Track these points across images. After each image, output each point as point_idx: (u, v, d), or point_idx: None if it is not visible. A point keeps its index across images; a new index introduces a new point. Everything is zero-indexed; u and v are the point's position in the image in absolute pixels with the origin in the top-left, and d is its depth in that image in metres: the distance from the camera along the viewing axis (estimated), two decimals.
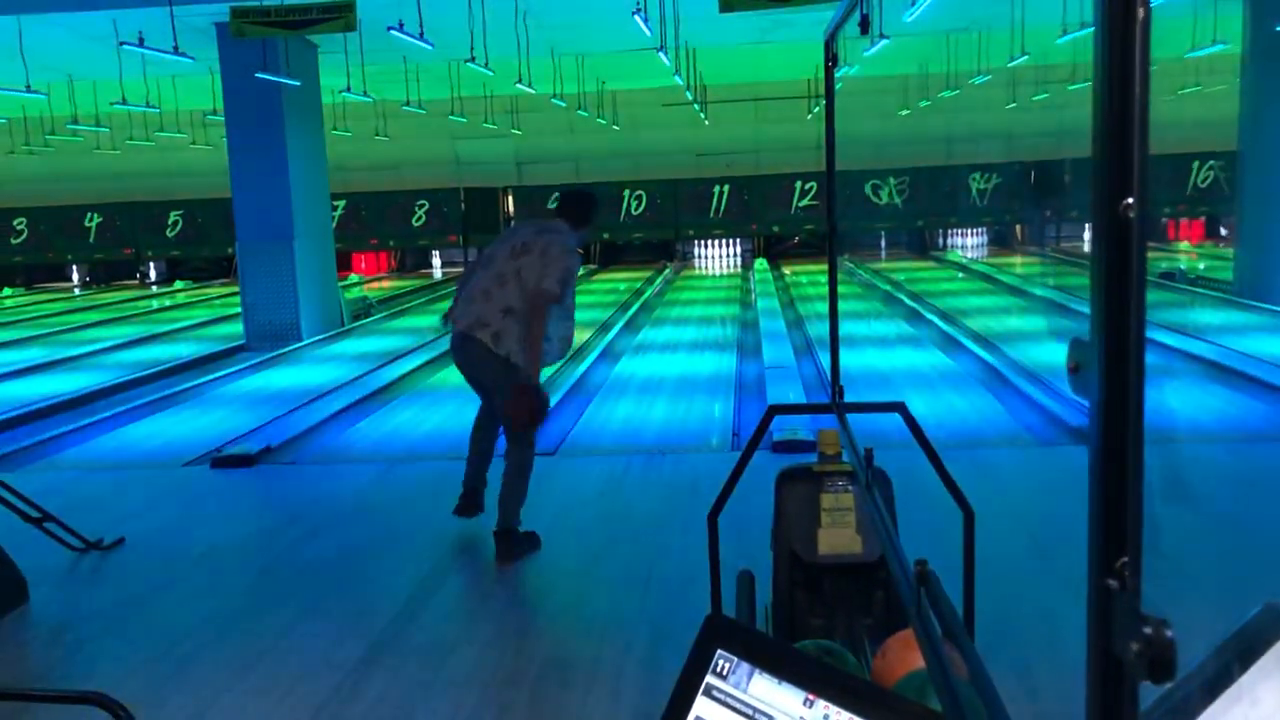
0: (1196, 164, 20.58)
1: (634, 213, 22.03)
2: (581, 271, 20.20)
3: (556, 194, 24.96)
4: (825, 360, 8.28)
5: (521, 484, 4.85)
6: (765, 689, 1.04)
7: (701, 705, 1.08)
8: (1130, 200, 0.69)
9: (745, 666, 1.07)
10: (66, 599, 4.67)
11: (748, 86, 21.85)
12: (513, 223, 22.42)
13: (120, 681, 3.69)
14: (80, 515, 5.34)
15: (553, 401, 8.19)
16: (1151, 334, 0.75)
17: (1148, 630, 0.66)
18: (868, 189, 21.42)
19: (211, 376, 10.55)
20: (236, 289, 13.13)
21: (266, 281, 12.44)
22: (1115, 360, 0.71)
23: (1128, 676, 0.71)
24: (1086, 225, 21.95)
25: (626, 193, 21.92)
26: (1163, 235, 21.78)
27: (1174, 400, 7.58)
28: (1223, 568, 4.21)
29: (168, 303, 19.08)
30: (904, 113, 21.15)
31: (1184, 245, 21.53)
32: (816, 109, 20.51)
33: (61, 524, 5.06)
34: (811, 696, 1.01)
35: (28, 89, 12.19)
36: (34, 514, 4.93)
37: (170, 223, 22.26)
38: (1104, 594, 0.71)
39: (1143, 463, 0.72)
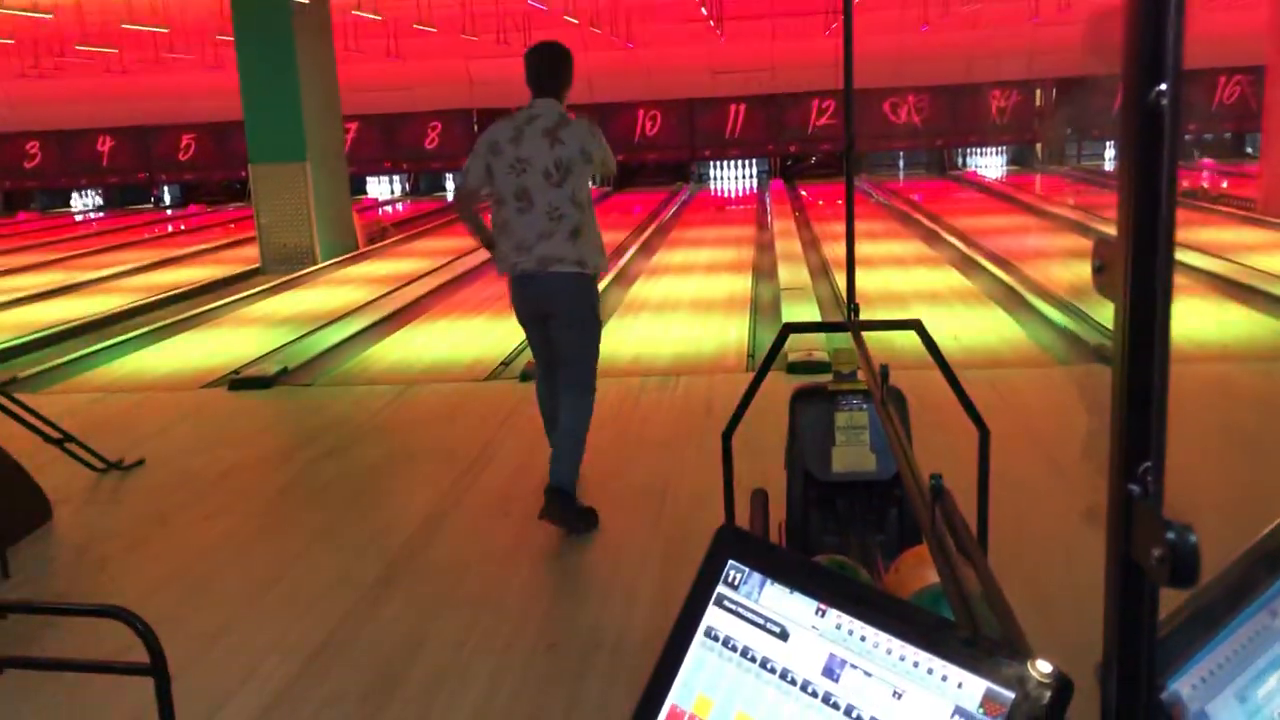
0: (1223, 80, 20.16)
1: (648, 133, 21.77)
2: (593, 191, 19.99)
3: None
4: (841, 282, 8.21)
5: (583, 440, 4.35)
6: (777, 599, 1.03)
7: (713, 615, 1.08)
8: (1163, 87, 0.65)
9: (757, 577, 1.06)
10: (88, 518, 4.73)
11: (764, 1, 21.40)
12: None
13: (142, 598, 3.75)
14: (100, 436, 5.39)
15: None
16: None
17: (1171, 535, 0.64)
18: (886, 107, 21.07)
19: (228, 300, 10.57)
20: (251, 212, 13.09)
21: (280, 204, 12.38)
22: (1143, 257, 0.68)
23: (1148, 583, 0.69)
24: (1108, 143, 21.62)
25: (641, 113, 21.64)
26: (1186, 154, 21.42)
27: (1193, 319, 7.50)
28: (1242, 487, 4.20)
29: (183, 226, 19.06)
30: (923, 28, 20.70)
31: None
32: (834, 25, 20.08)
33: (82, 445, 5.11)
34: (824, 606, 1.00)
35: (35, 9, 12.04)
36: (55, 435, 4.98)
37: (183, 146, 22.14)
38: (1125, 500, 0.69)
39: (1168, 364, 0.69)
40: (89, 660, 2.41)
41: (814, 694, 0.96)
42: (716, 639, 1.06)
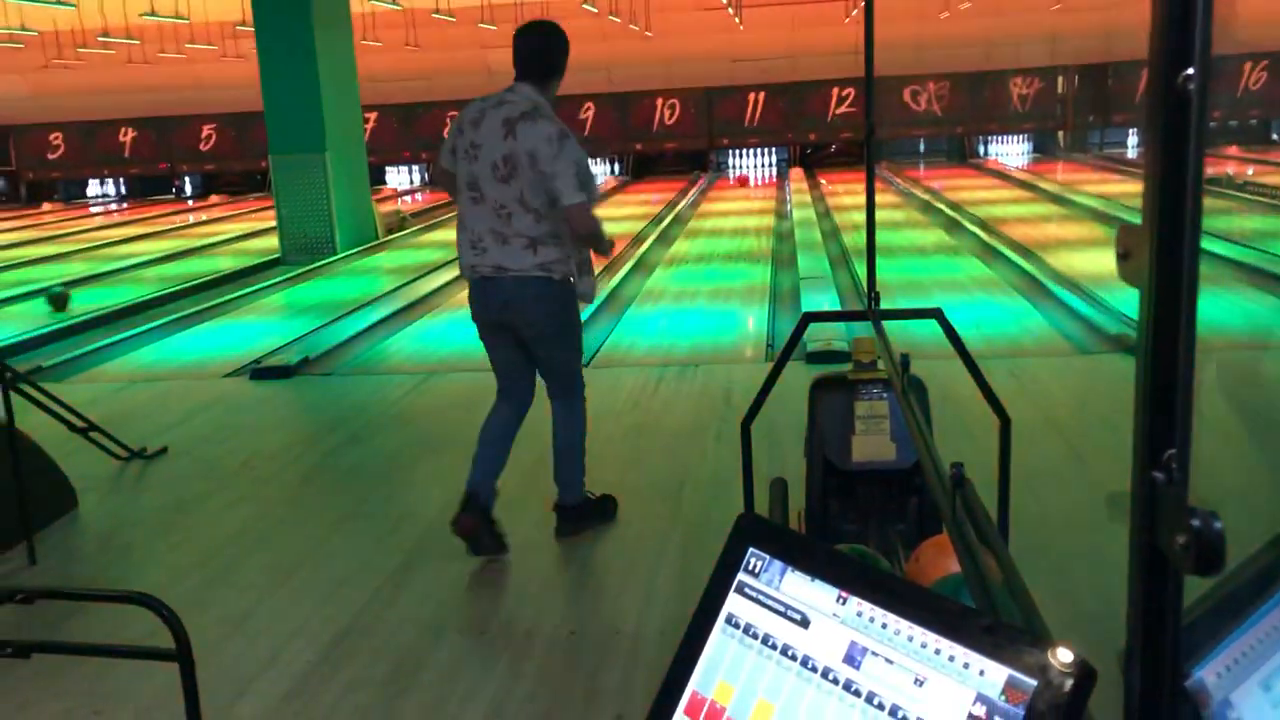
0: (1249, 65, 19.95)
1: (667, 122, 21.71)
2: (611, 181, 20.04)
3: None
4: (861, 270, 8.18)
5: (580, 450, 4.09)
6: (798, 586, 1.03)
7: (734, 602, 1.08)
8: (1190, 71, 0.65)
9: (778, 564, 1.06)
10: (113, 506, 4.77)
11: None
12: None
13: (166, 585, 3.79)
14: (124, 425, 5.44)
15: (584, 314, 8.20)
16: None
17: (1196, 522, 0.64)
18: (906, 95, 20.94)
19: (249, 289, 10.63)
20: (271, 203, 13.14)
21: (300, 194, 12.42)
22: (1169, 244, 0.67)
23: (1172, 570, 0.69)
24: (1131, 131, 21.43)
25: (660, 101, 21.58)
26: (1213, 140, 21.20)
27: (1219, 308, 7.44)
28: (1268, 474, 4.16)
29: (204, 217, 19.15)
30: (944, 15, 20.56)
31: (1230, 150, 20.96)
32: (855, 11, 19.97)
33: (106, 433, 5.15)
34: (845, 594, 1.00)
35: (58, 1, 12.10)
36: (79, 423, 5.02)
37: (204, 137, 22.24)
38: (1149, 487, 0.69)
39: (1194, 350, 0.69)
40: (115, 645, 2.44)
41: (835, 681, 0.97)
42: (737, 626, 1.06)
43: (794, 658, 1.00)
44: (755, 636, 1.04)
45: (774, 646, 1.02)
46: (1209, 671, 0.92)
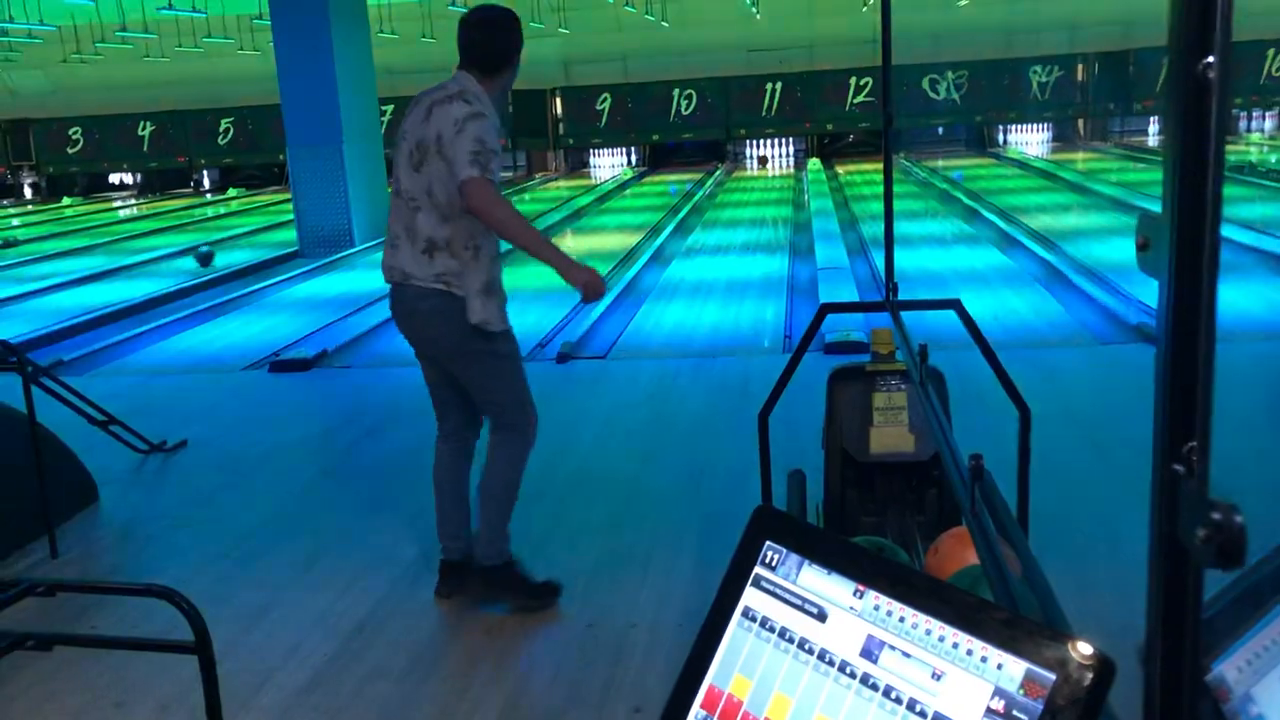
0: (1271, 52, 19.74)
1: (684, 112, 21.67)
2: (629, 174, 20.26)
3: (604, 96, 24.57)
4: (879, 261, 8.15)
5: (507, 499, 3.48)
6: (815, 580, 1.03)
7: (750, 596, 1.07)
8: (1210, 60, 0.64)
9: (795, 558, 1.06)
10: (133, 499, 4.81)
11: None
12: (560, 127, 22.10)
13: (186, 577, 3.81)
14: (144, 418, 5.47)
15: (602, 306, 8.21)
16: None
17: (1216, 516, 0.63)
18: (925, 84, 20.83)
19: (267, 282, 10.67)
20: (289, 195, 13.19)
21: (318, 187, 12.46)
22: (1189, 234, 0.67)
23: (1193, 564, 0.68)
24: (1152, 119, 21.26)
25: (676, 92, 21.54)
26: (1234, 127, 21.02)
27: (1243, 298, 7.38)
28: None
29: (222, 210, 19.24)
30: (963, 2, 20.44)
31: (1255, 138, 20.78)
32: (872, 0, 19.87)
33: (126, 427, 5.19)
34: (862, 587, 0.99)
35: None
36: (100, 417, 5.06)
37: (221, 130, 22.33)
38: (1170, 480, 0.68)
39: (1214, 343, 0.68)
40: (135, 638, 2.46)
41: (852, 675, 0.96)
42: (754, 620, 1.06)
43: (811, 651, 1.00)
44: (772, 630, 1.04)
45: (791, 640, 1.02)
46: (1229, 666, 0.92)
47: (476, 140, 3.16)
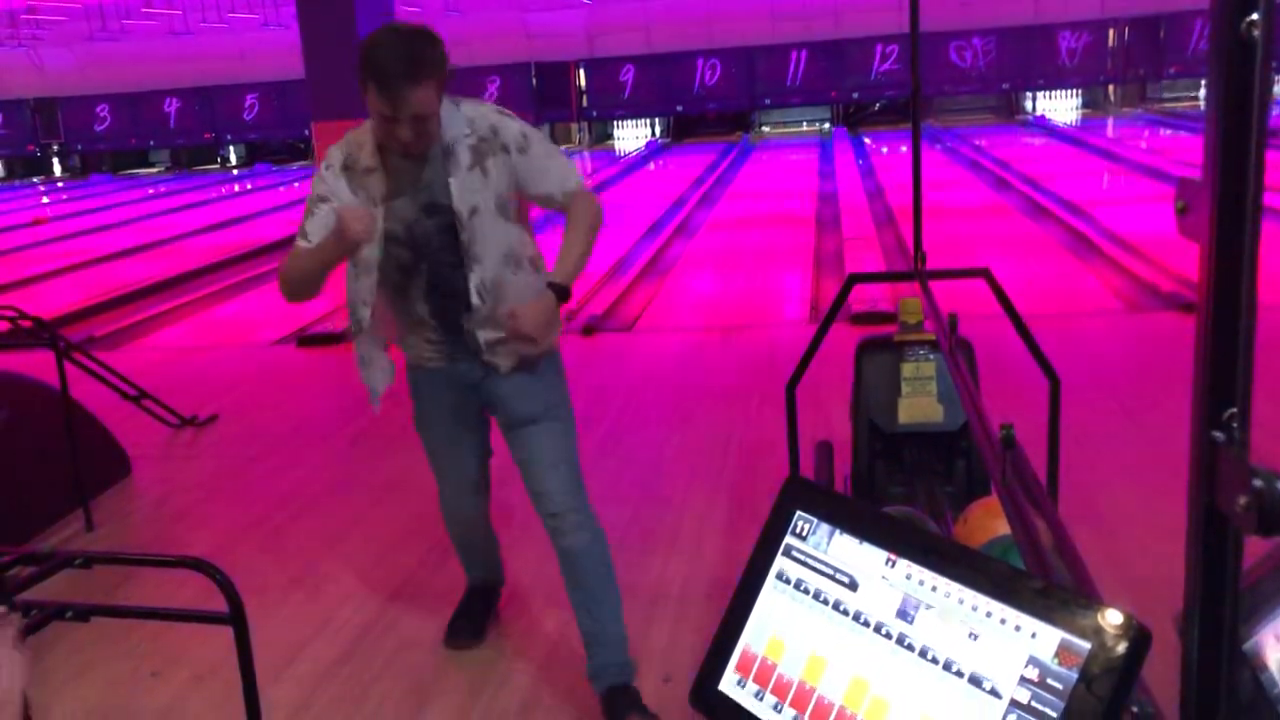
0: None
1: (708, 83, 21.52)
2: (655, 141, 19.71)
3: (628, 67, 24.36)
4: (906, 231, 8.09)
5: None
6: (846, 549, 1.03)
7: (781, 565, 1.07)
8: (1255, 17, 0.62)
9: (826, 527, 1.06)
10: (166, 472, 4.86)
11: None
12: (584, 99, 21.99)
13: (219, 549, 3.85)
14: (175, 393, 5.52)
15: (626, 280, 8.19)
16: None
17: (1258, 483, 0.62)
18: (952, 51, 20.58)
19: None
20: (315, 170, 13.22)
21: None
22: (1230, 197, 0.65)
23: (1233, 531, 0.67)
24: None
25: (700, 62, 21.38)
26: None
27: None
28: None
29: (249, 186, 19.32)
30: None
31: None
32: None
33: (158, 401, 5.24)
34: (894, 556, 0.99)
35: None
36: (132, 392, 5.11)
37: (247, 106, 22.39)
38: (1209, 447, 0.67)
39: (1255, 308, 0.67)
40: (171, 609, 2.49)
41: (888, 635, 0.96)
42: (788, 582, 1.06)
43: (845, 613, 1.00)
44: (806, 592, 1.04)
45: (825, 601, 1.02)
46: (1268, 634, 0.91)
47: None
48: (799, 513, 1.09)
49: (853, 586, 1.00)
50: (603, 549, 2.82)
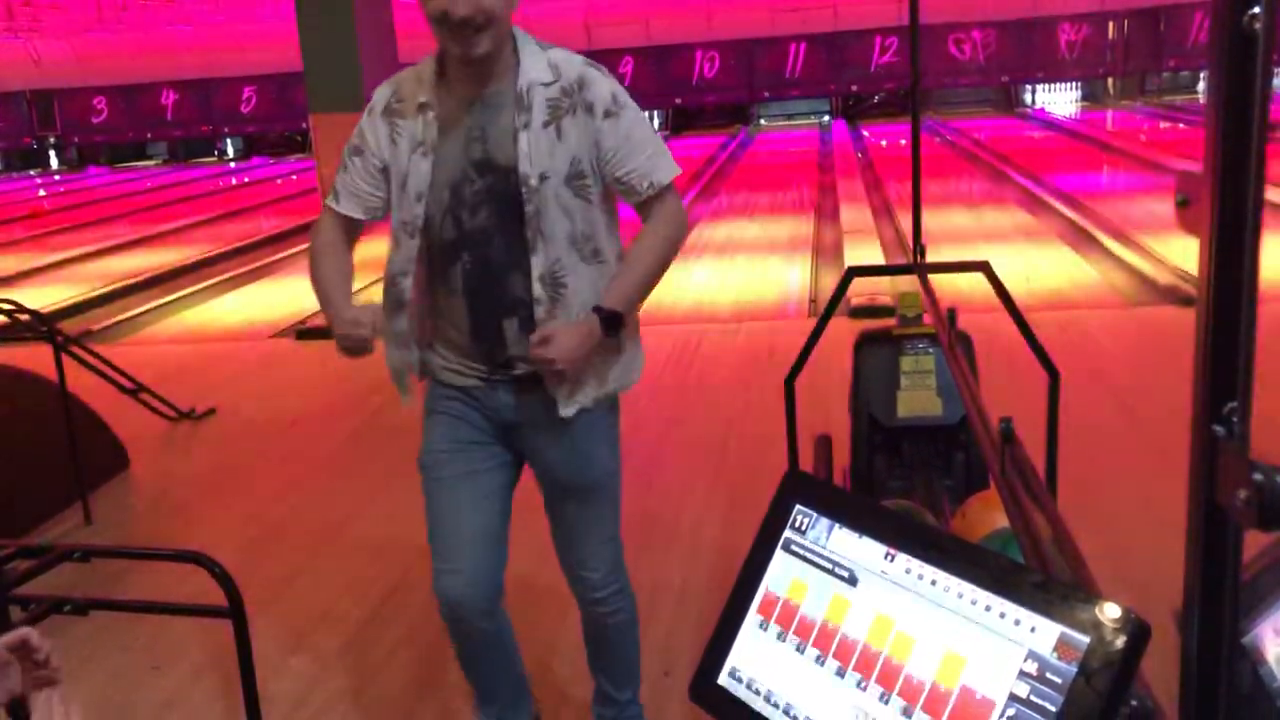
0: None
1: (707, 75, 21.48)
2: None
3: (626, 59, 24.33)
4: (906, 224, 8.08)
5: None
6: (845, 543, 1.03)
7: (780, 559, 1.07)
8: (1256, 10, 0.62)
9: (825, 521, 1.05)
10: (164, 466, 4.86)
11: None
12: None
13: (217, 543, 3.85)
14: (172, 386, 5.52)
15: None
16: None
17: (1258, 477, 0.62)
18: (950, 43, 20.55)
19: (293, 251, 10.70)
20: (313, 163, 13.20)
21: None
22: (1231, 190, 0.65)
23: (1232, 525, 0.67)
24: (1182, 75, 20.88)
25: (699, 54, 21.35)
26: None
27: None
28: None
29: (246, 179, 19.29)
30: None
31: None
32: None
33: (155, 394, 5.23)
34: (893, 550, 0.99)
35: None
36: (129, 385, 5.10)
37: (245, 98, 22.35)
38: (1210, 442, 0.67)
39: (1256, 302, 0.67)
40: (170, 603, 2.49)
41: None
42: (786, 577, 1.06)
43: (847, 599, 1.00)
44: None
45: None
46: (1267, 627, 0.91)
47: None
48: (798, 506, 1.09)
49: (852, 581, 1.00)
50: (634, 618, 2.49)
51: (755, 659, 1.04)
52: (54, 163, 23.94)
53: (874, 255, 8.22)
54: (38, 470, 4.15)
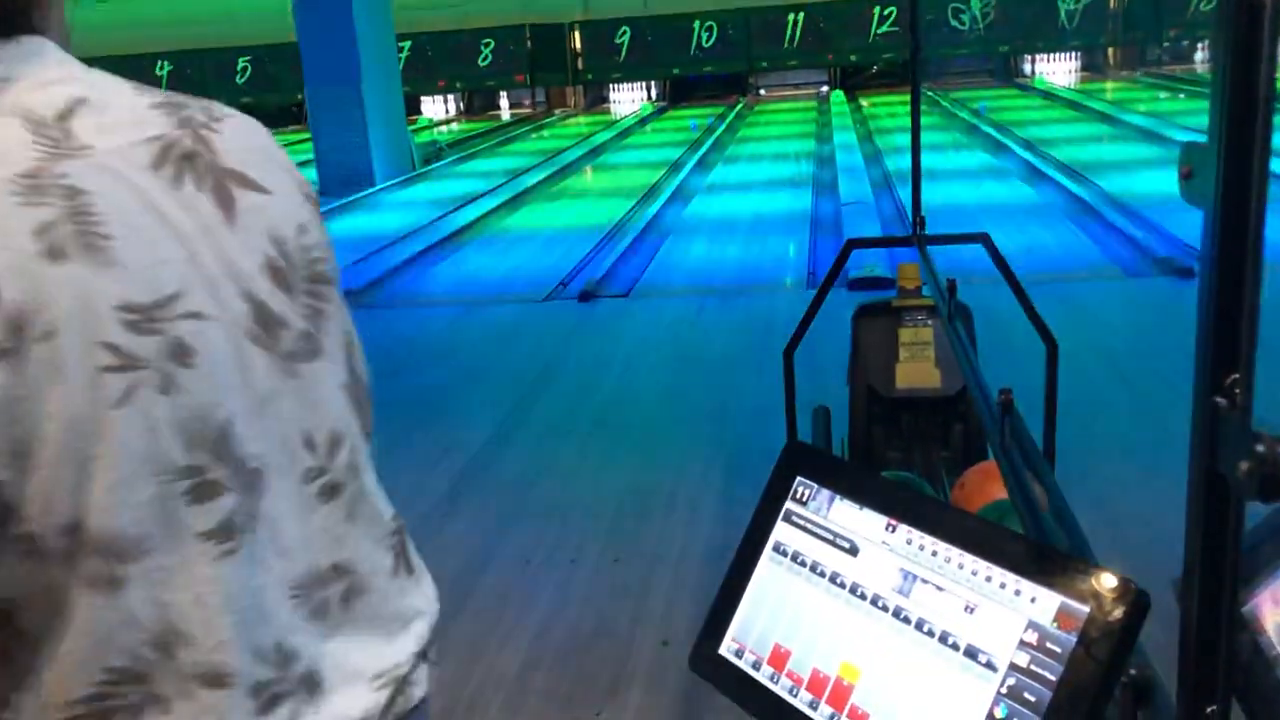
0: None
1: (704, 45, 21.36)
2: (649, 110, 19.96)
3: (624, 29, 24.13)
4: (905, 195, 8.06)
5: None
6: (846, 514, 1.03)
7: (781, 530, 1.08)
8: None
9: (826, 493, 1.06)
10: None
11: None
12: (579, 62, 21.78)
13: None
14: None
15: (622, 246, 8.16)
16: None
17: (1260, 448, 0.62)
18: (949, 13, 20.42)
19: None
20: (309, 135, 13.14)
21: (337, 126, 12.40)
22: (1236, 159, 0.65)
23: (1234, 496, 0.67)
24: (1183, 42, 20.78)
25: (696, 24, 21.22)
26: None
27: None
28: None
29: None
30: None
31: None
32: None
33: None
34: (894, 521, 0.99)
35: None
36: None
37: (239, 69, 22.22)
38: (1211, 412, 0.67)
39: (1260, 273, 0.67)
40: None
41: (884, 608, 0.96)
42: (785, 554, 1.06)
43: (843, 585, 1.00)
44: (804, 564, 1.04)
45: (822, 574, 1.02)
46: (1265, 597, 0.91)
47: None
48: (799, 478, 1.09)
49: (853, 552, 1.01)
50: None
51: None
52: None
53: (872, 228, 8.20)
54: None
